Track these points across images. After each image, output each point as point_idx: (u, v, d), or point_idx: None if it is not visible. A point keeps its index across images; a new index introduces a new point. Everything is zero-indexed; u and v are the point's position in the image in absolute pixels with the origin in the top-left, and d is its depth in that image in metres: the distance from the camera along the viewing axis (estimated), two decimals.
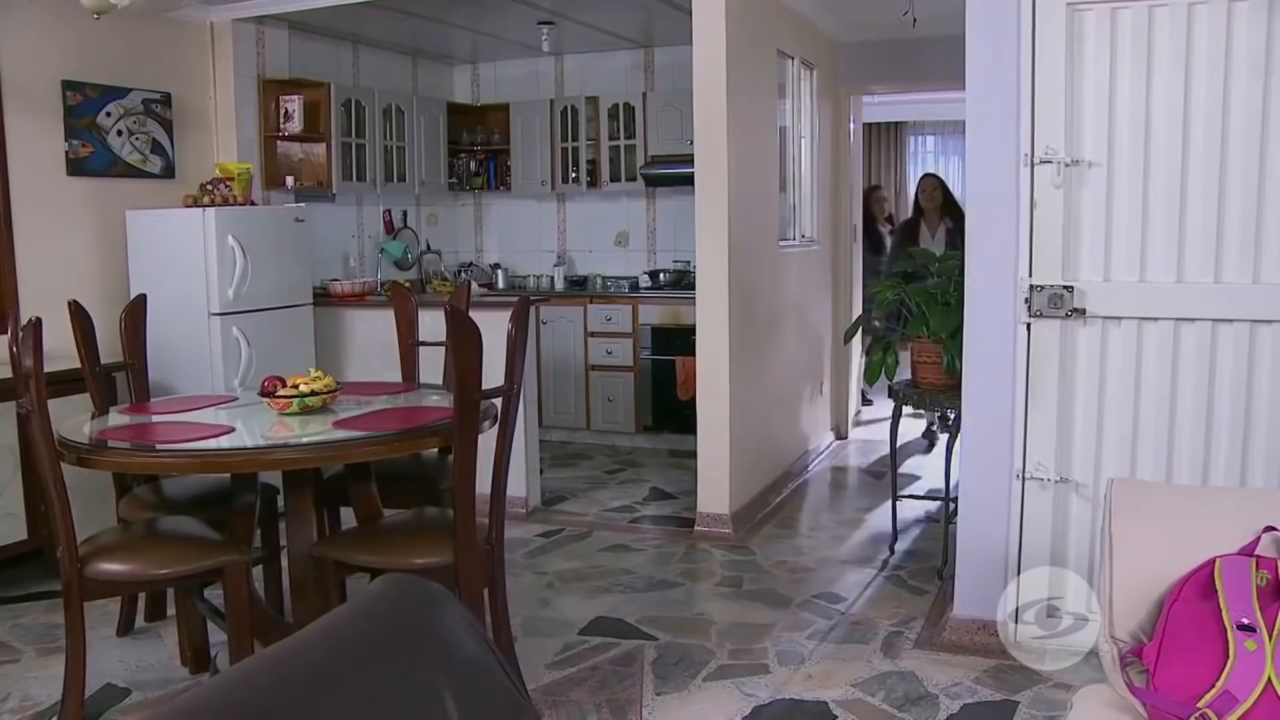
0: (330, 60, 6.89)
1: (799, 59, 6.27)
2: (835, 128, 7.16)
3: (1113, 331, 3.53)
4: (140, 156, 5.53)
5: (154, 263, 5.22)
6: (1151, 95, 3.43)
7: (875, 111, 9.83)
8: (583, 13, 6.42)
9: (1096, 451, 3.57)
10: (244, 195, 5.42)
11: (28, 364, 3.09)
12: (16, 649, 3.97)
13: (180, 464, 3.23)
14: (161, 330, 4.83)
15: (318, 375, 3.62)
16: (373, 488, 3.70)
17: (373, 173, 6.84)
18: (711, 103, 5.01)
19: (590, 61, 7.75)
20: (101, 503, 4.10)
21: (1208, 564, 2.29)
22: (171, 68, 5.72)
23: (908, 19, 5.46)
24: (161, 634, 4.03)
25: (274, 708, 1.48)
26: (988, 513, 3.74)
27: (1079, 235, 3.53)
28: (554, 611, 4.26)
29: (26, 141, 4.97)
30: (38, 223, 5.02)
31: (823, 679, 3.57)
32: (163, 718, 1.48)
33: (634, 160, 7.42)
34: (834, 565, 4.77)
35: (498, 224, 8.32)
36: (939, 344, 4.42)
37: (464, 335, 3.12)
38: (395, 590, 1.88)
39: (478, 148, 7.95)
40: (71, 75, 5.17)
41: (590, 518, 5.63)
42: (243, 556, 3.29)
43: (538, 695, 3.48)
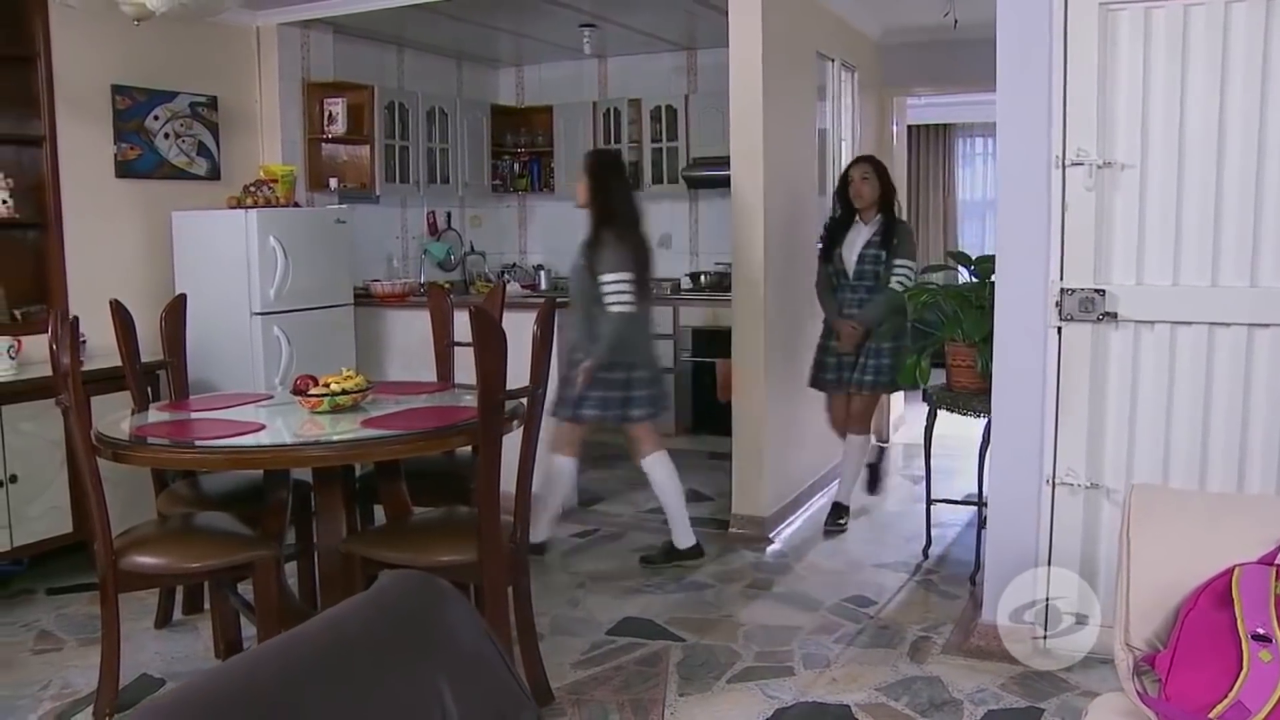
0: (375, 63, 6.98)
1: (839, 61, 6.25)
2: (878, 130, 7.12)
3: (1145, 336, 3.48)
4: (186, 159, 5.64)
5: (198, 263, 5.33)
6: (1186, 96, 3.38)
7: (923, 113, 9.73)
8: (624, 15, 6.45)
9: (1128, 457, 3.52)
10: (287, 197, 5.51)
11: (65, 361, 3.17)
12: (60, 638, 4.07)
13: (210, 460, 3.31)
14: (204, 329, 4.93)
15: (349, 374, 3.67)
16: (402, 486, 3.74)
17: (416, 174, 6.92)
18: (747, 105, 5.01)
19: (633, 63, 7.77)
20: (142, 497, 4.19)
21: (1226, 572, 2.25)
22: (218, 71, 5.83)
23: (949, 20, 5.42)
24: (198, 627, 4.11)
25: (274, 695, 1.51)
26: (1017, 518, 3.70)
27: (1111, 238, 3.49)
28: (583, 611, 4.28)
29: (77, 144, 5.10)
30: (87, 223, 5.14)
31: (847, 682, 3.56)
32: (166, 703, 1.53)
33: (676, 162, 7.44)
34: (866, 569, 4.75)
35: (541, 225, 8.37)
36: (973, 347, 4.38)
37: (488, 336, 3.15)
38: (402, 585, 1.91)
39: (521, 149, 8.01)
40: (120, 80, 5.30)
41: (626, 519, 5.65)
42: (272, 552, 3.35)
43: (562, 694, 3.50)
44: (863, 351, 5.14)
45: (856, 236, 5.18)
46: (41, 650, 3.96)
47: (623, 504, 5.92)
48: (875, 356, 5.13)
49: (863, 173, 5.19)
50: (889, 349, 5.13)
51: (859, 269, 5.14)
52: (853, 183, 5.19)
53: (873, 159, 5.34)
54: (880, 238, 5.13)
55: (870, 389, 5.20)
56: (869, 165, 5.24)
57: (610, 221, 4.60)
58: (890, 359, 5.12)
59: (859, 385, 5.18)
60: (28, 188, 4.96)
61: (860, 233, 5.18)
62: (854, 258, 5.15)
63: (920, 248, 10.21)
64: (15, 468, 4.41)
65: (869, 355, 5.13)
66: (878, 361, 5.14)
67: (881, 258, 5.10)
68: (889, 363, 5.13)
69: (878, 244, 5.13)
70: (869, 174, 5.18)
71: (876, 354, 5.13)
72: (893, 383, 5.21)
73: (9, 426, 4.40)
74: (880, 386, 5.23)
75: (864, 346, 5.13)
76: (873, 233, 5.16)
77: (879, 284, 5.10)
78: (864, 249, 5.14)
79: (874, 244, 5.14)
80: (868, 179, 5.16)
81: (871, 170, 5.20)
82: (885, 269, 5.09)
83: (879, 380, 5.17)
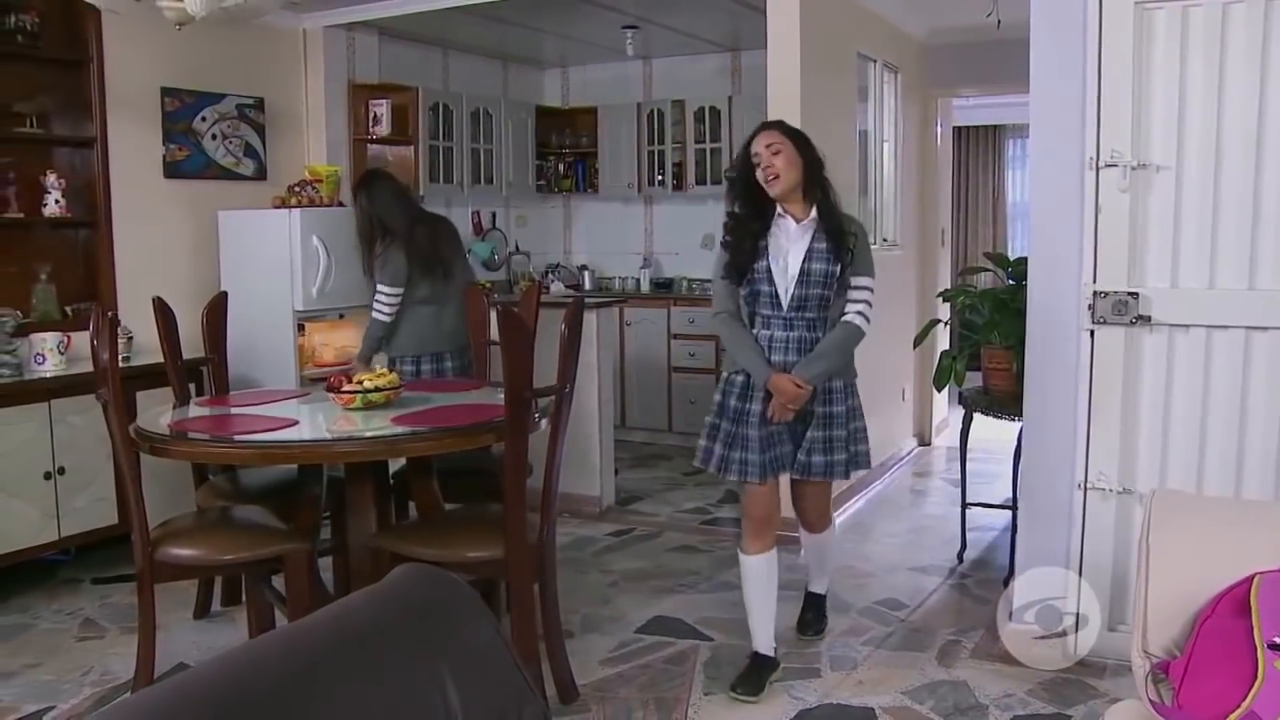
0: (420, 65, 7.06)
1: (881, 62, 6.21)
2: (921, 131, 7.07)
3: (1179, 339, 3.43)
4: (233, 159, 5.75)
5: (243, 261, 5.43)
6: (1225, 95, 3.32)
7: (973, 115, 9.66)
8: (666, 17, 6.46)
9: (1161, 463, 3.47)
10: (331, 196, 5.59)
11: (104, 357, 3.26)
12: (103, 627, 4.18)
13: (243, 454, 3.38)
14: (248, 326, 5.02)
15: (381, 372, 3.73)
16: (433, 482, 3.80)
17: (460, 175, 6.99)
18: (785, 106, 5.00)
19: (678, 65, 7.79)
20: (185, 491, 4.27)
21: (1246, 580, 2.22)
22: (265, 73, 5.94)
23: (992, 20, 5.37)
24: (235, 618, 4.19)
25: (273, 684, 1.54)
26: (1049, 522, 3.66)
27: (1145, 240, 3.44)
28: (614, 610, 4.31)
29: (127, 145, 5.22)
30: (136, 222, 5.26)
31: (873, 685, 3.54)
32: (164, 692, 1.56)
33: (719, 163, 7.43)
34: (900, 572, 4.72)
35: (586, 226, 8.42)
36: (1009, 350, 4.34)
37: (514, 334, 3.19)
38: (412, 579, 1.94)
39: (566, 150, 8.07)
40: (169, 82, 5.41)
41: (662, 519, 5.67)
42: (303, 546, 3.41)
43: (587, 691, 3.52)
44: (807, 417, 3.54)
45: (787, 241, 3.48)
46: (85, 638, 4.07)
47: (660, 504, 5.94)
48: (825, 425, 3.54)
49: (769, 140, 3.47)
50: (842, 412, 3.57)
51: (801, 293, 3.46)
52: (758, 158, 3.47)
53: (782, 123, 3.59)
54: (828, 243, 3.46)
55: (831, 471, 3.59)
56: (778, 131, 3.51)
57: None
58: (851, 421, 3.61)
59: (808, 469, 3.57)
60: (79, 188, 5.09)
61: (792, 236, 3.48)
62: (792, 273, 3.46)
63: (968, 251, 10.21)
64: (63, 460, 4.52)
65: (820, 422, 3.54)
66: (828, 433, 3.55)
67: (833, 274, 3.47)
68: (854, 427, 3.62)
69: (825, 253, 3.46)
70: (776, 142, 3.47)
71: (826, 420, 3.55)
72: (860, 457, 3.65)
73: (58, 420, 4.51)
74: (853, 463, 3.63)
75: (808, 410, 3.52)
76: (812, 235, 3.47)
77: (825, 315, 3.50)
78: (807, 261, 3.46)
79: (820, 254, 3.46)
80: (779, 150, 3.45)
81: (783, 137, 3.49)
82: (837, 292, 3.50)
83: (849, 457, 3.61)
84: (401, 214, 4.86)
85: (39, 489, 4.44)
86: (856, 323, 3.51)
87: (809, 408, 3.51)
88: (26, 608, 4.37)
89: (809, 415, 3.53)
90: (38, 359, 4.63)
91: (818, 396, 3.51)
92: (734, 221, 3.56)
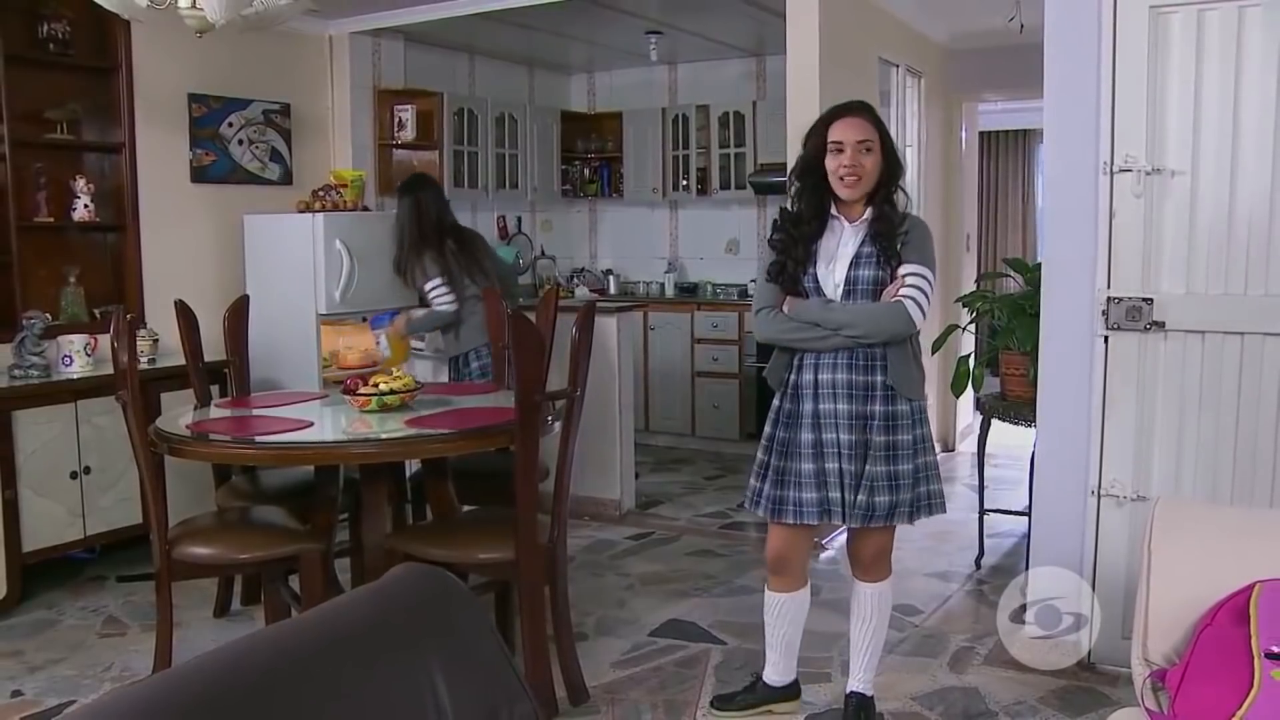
0: (445, 70, 7.12)
1: (904, 66, 6.20)
2: (945, 136, 7.04)
3: (1194, 345, 3.40)
4: (259, 164, 5.83)
5: (267, 265, 5.49)
6: (1240, 100, 3.30)
7: (1000, 119, 9.60)
8: (689, 22, 6.49)
9: (1175, 470, 3.45)
10: (355, 201, 5.65)
11: (124, 359, 3.32)
12: (125, 624, 4.25)
13: (258, 455, 3.43)
14: (272, 329, 5.08)
15: (398, 375, 3.77)
16: (448, 484, 3.83)
17: (484, 179, 7.04)
18: (805, 111, 4.97)
19: (702, 70, 7.81)
20: (206, 491, 4.34)
21: (1247, 588, 2.21)
22: (291, 79, 6.01)
23: (1014, 25, 5.35)
24: (254, 617, 4.24)
25: (260, 680, 1.57)
26: (1062, 529, 3.65)
27: (1160, 246, 3.42)
28: (629, 612, 4.32)
29: (154, 151, 5.30)
30: (162, 226, 5.34)
31: (883, 690, 3.52)
32: (150, 687, 1.59)
33: (744, 168, 7.45)
34: (917, 577, 4.71)
35: (611, 230, 8.45)
36: (1026, 356, 4.32)
37: (524, 338, 3.22)
38: (408, 578, 1.96)
39: (591, 155, 8.11)
40: (196, 88, 5.49)
41: (682, 523, 5.68)
42: (318, 546, 3.45)
43: (598, 692, 3.54)
44: (867, 450, 3.00)
45: (836, 245, 3.04)
46: (107, 634, 4.14)
47: (681, 508, 5.95)
48: (889, 459, 2.99)
49: (862, 135, 2.95)
50: (909, 441, 3.02)
51: (851, 297, 3.02)
52: (844, 154, 2.94)
53: (873, 110, 3.06)
54: (877, 246, 2.99)
55: (894, 514, 3.02)
56: (870, 123, 2.99)
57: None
58: (920, 454, 3.05)
59: (870, 512, 3.00)
60: (108, 192, 5.18)
61: (842, 239, 3.04)
62: (837, 280, 3.02)
63: (995, 256, 10.13)
64: (89, 459, 4.60)
65: (882, 455, 2.99)
66: (892, 467, 2.99)
67: (884, 280, 2.99)
68: (922, 461, 3.06)
69: (874, 256, 3.00)
70: (870, 138, 2.97)
71: (890, 452, 2.99)
72: (933, 499, 3.09)
73: (84, 420, 4.59)
74: (922, 506, 3.06)
75: (868, 440, 3.01)
76: (862, 239, 3.02)
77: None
78: (854, 269, 3.01)
79: (869, 259, 3.00)
80: (871, 148, 2.96)
81: (874, 130, 2.99)
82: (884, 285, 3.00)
83: (914, 497, 3.04)
84: (439, 220, 5.14)
85: (66, 488, 4.52)
86: (904, 305, 2.94)
87: (869, 436, 2.99)
88: (52, 604, 4.45)
89: (869, 446, 3.00)
90: (65, 360, 4.71)
91: (877, 423, 2.98)
92: (789, 221, 3.08)
